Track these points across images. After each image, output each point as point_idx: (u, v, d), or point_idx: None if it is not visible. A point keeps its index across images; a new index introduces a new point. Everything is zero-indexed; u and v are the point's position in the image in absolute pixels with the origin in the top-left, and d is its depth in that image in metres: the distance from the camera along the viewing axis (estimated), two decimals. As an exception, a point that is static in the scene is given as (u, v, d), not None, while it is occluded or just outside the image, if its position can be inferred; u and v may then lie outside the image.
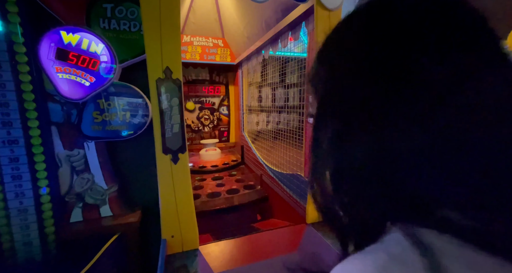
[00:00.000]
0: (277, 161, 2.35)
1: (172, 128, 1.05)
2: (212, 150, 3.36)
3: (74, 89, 1.37)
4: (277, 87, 3.00)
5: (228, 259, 1.29)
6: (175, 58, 1.00)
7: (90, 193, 1.52)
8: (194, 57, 2.97)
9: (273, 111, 3.15)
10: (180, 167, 1.08)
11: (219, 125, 3.68)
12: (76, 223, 1.48)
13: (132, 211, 1.65)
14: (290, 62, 2.76)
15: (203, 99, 3.52)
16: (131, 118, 1.57)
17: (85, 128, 1.46)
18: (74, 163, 1.47)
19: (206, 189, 2.53)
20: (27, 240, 1.29)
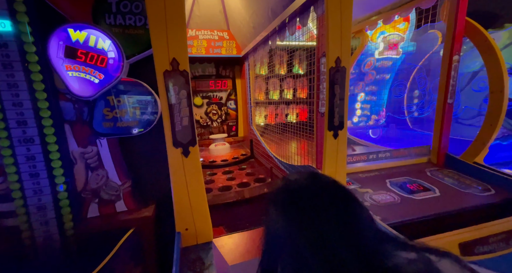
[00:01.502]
0: (287, 153, 2.31)
1: (182, 121, 1.03)
2: (221, 145, 3.36)
3: (84, 86, 1.38)
4: (284, 78, 2.93)
5: (242, 251, 1.29)
6: (182, 49, 0.97)
7: (105, 189, 1.55)
8: (200, 51, 2.94)
9: (281, 103, 3.09)
10: (191, 160, 1.07)
11: (227, 120, 3.67)
12: (93, 218, 1.52)
13: (146, 205, 1.67)
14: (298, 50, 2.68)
15: (210, 94, 3.51)
16: (141, 114, 1.57)
17: (97, 126, 1.47)
18: (88, 159, 1.50)
19: (217, 183, 2.54)
20: (47, 235, 1.33)
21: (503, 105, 1.66)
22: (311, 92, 1.78)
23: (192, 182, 1.09)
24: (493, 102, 1.71)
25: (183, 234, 1.13)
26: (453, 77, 1.77)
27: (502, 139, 2.35)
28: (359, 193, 1.61)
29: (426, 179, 1.72)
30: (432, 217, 1.32)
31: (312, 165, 1.72)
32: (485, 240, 1.10)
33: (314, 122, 1.81)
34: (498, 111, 1.67)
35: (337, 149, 1.34)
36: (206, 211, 1.14)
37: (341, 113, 1.30)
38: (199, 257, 1.07)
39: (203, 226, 1.15)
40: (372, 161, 1.98)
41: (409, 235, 1.05)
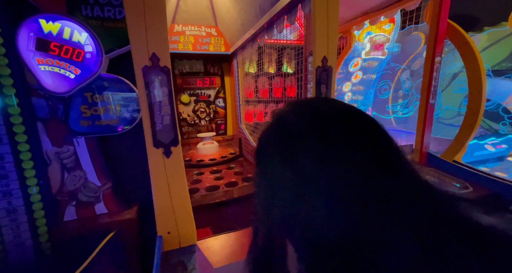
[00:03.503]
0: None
1: (163, 120, 0.99)
2: (210, 143, 3.31)
3: (59, 82, 1.30)
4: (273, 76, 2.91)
5: (228, 253, 1.26)
6: (162, 44, 0.92)
7: (83, 191, 1.47)
8: (187, 47, 2.86)
9: (270, 102, 3.08)
10: (173, 160, 1.03)
11: (216, 118, 3.61)
12: (71, 222, 1.44)
13: (129, 207, 1.61)
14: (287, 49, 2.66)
15: (198, 91, 3.44)
16: (122, 112, 1.50)
17: (73, 124, 1.39)
18: (64, 160, 1.41)
19: (205, 183, 2.50)
20: (19, 241, 1.24)
21: (481, 106, 1.73)
22: (300, 91, 1.78)
23: (174, 184, 1.05)
24: (472, 103, 1.78)
25: (165, 237, 1.09)
26: (434, 78, 1.82)
27: (480, 138, 2.47)
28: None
29: (409, 178, 1.76)
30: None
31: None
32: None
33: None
34: (476, 112, 1.73)
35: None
36: (190, 214, 1.10)
37: (328, 113, 1.30)
38: (181, 262, 1.03)
39: (186, 229, 1.11)
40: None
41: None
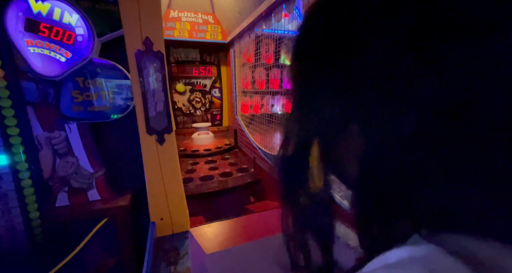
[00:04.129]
0: (271, 144, 2.31)
1: (156, 106, 0.97)
2: (205, 134, 3.30)
3: (49, 65, 1.26)
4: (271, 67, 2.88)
5: (220, 240, 1.29)
6: (156, 28, 0.90)
7: (75, 177, 1.46)
8: (182, 34, 2.79)
9: (267, 94, 3.06)
10: (166, 148, 1.03)
11: (212, 108, 3.58)
12: (63, 208, 1.43)
13: (122, 194, 1.61)
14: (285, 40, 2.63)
15: (193, 81, 3.39)
16: (116, 99, 1.48)
17: (65, 109, 1.36)
18: (56, 145, 1.39)
19: (199, 173, 2.51)
20: (10, 225, 1.24)
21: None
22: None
23: (167, 171, 1.05)
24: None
25: (158, 223, 1.10)
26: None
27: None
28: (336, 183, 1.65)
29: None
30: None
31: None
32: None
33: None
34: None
35: (317, 140, 1.35)
36: (183, 201, 1.11)
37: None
38: (174, 247, 1.05)
39: (179, 215, 1.12)
40: (351, 152, 2.03)
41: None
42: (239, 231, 1.39)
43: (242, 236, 1.33)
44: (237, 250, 1.23)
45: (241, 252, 1.23)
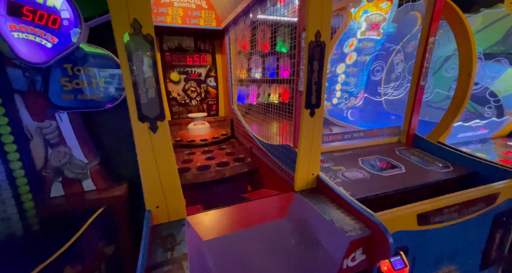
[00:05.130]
0: (267, 134, 2.30)
1: (147, 93, 0.95)
2: (201, 124, 3.26)
3: (35, 51, 1.21)
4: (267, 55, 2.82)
5: (217, 227, 1.30)
6: (144, 9, 0.86)
7: (69, 167, 1.44)
8: (175, 20, 2.70)
9: (263, 83, 3.01)
10: (160, 136, 1.01)
11: (207, 98, 3.53)
12: (58, 198, 1.43)
13: (118, 184, 1.61)
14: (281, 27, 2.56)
15: (188, 69, 3.31)
16: (107, 86, 1.44)
17: (54, 98, 1.33)
18: (47, 135, 1.36)
19: (196, 163, 2.50)
20: (4, 215, 1.23)
21: (469, 87, 1.75)
22: (293, 69, 1.73)
23: (161, 159, 1.04)
24: (461, 84, 1.80)
25: (154, 212, 1.10)
26: (427, 59, 1.81)
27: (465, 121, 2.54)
28: (332, 170, 1.66)
29: (394, 157, 1.82)
30: (397, 191, 1.42)
31: (290, 144, 1.73)
32: (440, 211, 1.21)
33: (294, 102, 1.79)
34: (464, 94, 1.76)
35: (313, 127, 1.34)
36: (178, 189, 1.11)
37: (319, 91, 1.28)
38: (171, 234, 1.06)
39: (175, 203, 1.12)
40: (347, 140, 2.04)
41: (374, 208, 1.12)
42: (236, 218, 1.40)
43: (239, 222, 1.34)
44: (234, 236, 1.24)
45: (238, 238, 1.24)
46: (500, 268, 1.53)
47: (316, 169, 1.46)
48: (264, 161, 2.26)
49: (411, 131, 1.99)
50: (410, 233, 1.17)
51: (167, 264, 0.88)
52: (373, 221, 1.04)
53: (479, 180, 1.54)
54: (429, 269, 1.30)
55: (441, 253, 1.31)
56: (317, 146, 1.39)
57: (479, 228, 1.38)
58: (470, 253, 1.41)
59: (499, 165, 1.52)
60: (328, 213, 1.20)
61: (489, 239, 1.41)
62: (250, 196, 2.26)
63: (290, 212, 1.36)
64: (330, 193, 1.34)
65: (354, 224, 1.09)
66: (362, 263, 1.07)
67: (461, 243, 1.35)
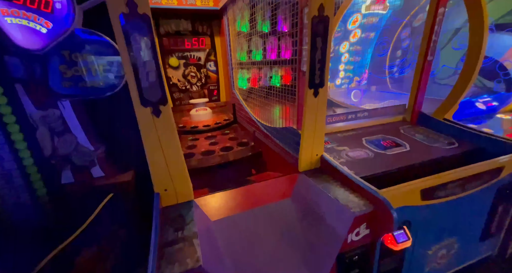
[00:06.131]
0: (270, 117, 2.29)
1: (148, 76, 0.93)
2: (203, 110, 3.25)
3: (30, 37, 1.18)
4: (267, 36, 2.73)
5: (224, 208, 1.34)
6: (139, -13, 0.82)
7: (76, 155, 1.47)
8: (171, 2, 2.59)
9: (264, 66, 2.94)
10: (163, 120, 1.01)
11: (208, 83, 3.48)
12: (69, 185, 1.47)
13: (125, 170, 1.64)
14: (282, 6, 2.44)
15: (187, 54, 3.23)
16: (107, 72, 1.42)
17: (55, 85, 1.32)
18: (52, 124, 1.38)
19: (200, 148, 2.52)
20: (19, 202, 1.28)
21: (479, 60, 1.68)
22: (294, 49, 1.68)
23: (166, 143, 1.05)
24: (470, 56, 1.73)
25: (162, 194, 1.13)
26: (436, 32, 1.73)
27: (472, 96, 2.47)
28: (336, 151, 1.67)
29: (399, 136, 1.81)
30: (401, 169, 1.42)
31: (293, 127, 1.73)
32: (444, 186, 1.22)
33: (296, 83, 1.76)
34: (473, 66, 1.70)
35: (317, 107, 1.32)
36: (185, 171, 1.13)
37: (322, 70, 1.25)
38: (180, 215, 1.09)
39: (182, 186, 1.15)
40: (351, 120, 2.02)
41: (378, 186, 1.14)
42: (242, 199, 1.43)
43: (245, 203, 1.37)
44: (241, 216, 1.28)
45: (245, 218, 1.28)
46: (500, 239, 1.57)
47: (320, 150, 1.46)
48: (267, 144, 2.27)
49: (416, 109, 1.96)
50: (413, 208, 1.19)
51: (179, 242, 0.92)
52: (377, 197, 1.06)
53: (485, 155, 1.53)
54: (431, 242, 1.35)
55: (443, 226, 1.34)
56: (321, 126, 1.38)
57: (482, 201, 1.40)
58: (471, 226, 1.45)
59: (505, 139, 1.51)
60: (332, 191, 1.22)
61: (491, 211, 1.43)
62: (254, 179, 2.30)
63: (295, 192, 1.39)
64: (334, 172, 1.35)
65: (359, 201, 1.12)
66: (366, 237, 1.10)
67: (463, 217, 1.37)
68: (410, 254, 1.29)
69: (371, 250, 1.13)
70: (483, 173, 1.30)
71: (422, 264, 1.37)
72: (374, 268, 1.15)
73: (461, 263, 1.52)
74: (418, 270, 1.37)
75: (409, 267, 1.31)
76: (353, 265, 1.10)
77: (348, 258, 1.07)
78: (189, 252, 0.86)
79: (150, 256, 0.77)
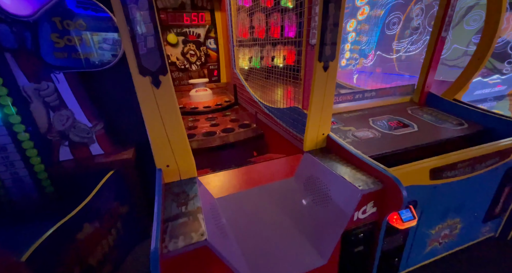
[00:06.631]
0: (273, 97, 2.21)
1: (146, 42, 0.86)
2: (203, 91, 3.16)
3: (18, 2, 1.08)
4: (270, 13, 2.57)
5: (227, 186, 1.32)
6: None
7: (74, 131, 1.42)
8: (168, -29, 2.41)
9: (267, 44, 2.80)
10: (164, 91, 0.95)
11: (208, 62, 3.35)
12: (67, 161, 1.44)
13: (125, 148, 1.60)
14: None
15: (186, 30, 3.08)
16: (102, 42, 1.33)
17: (47, 56, 1.23)
18: (46, 98, 1.31)
19: (201, 129, 2.47)
20: (17, 178, 1.25)
21: (495, 37, 1.59)
22: (300, 21, 1.57)
23: (167, 116, 1.00)
24: (486, 33, 1.63)
25: (165, 170, 1.09)
26: (452, 6, 1.62)
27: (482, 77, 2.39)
28: (342, 131, 1.62)
29: (406, 116, 1.76)
30: (408, 148, 1.39)
31: (298, 106, 1.67)
32: (453, 166, 1.19)
33: (302, 59, 1.67)
34: (489, 43, 1.61)
35: (326, 83, 1.25)
36: (187, 147, 1.08)
37: (334, 41, 1.16)
38: (183, 190, 1.07)
39: (185, 162, 1.11)
40: (358, 100, 1.96)
41: (386, 165, 1.10)
42: (245, 178, 1.41)
43: (248, 182, 1.35)
44: (244, 194, 1.27)
45: (248, 195, 1.26)
46: (503, 221, 1.58)
47: (327, 128, 1.41)
48: (270, 126, 2.22)
49: (425, 89, 1.89)
50: (421, 187, 1.17)
51: (183, 216, 0.90)
52: (386, 175, 1.03)
53: (494, 136, 1.49)
54: (435, 221, 1.34)
55: (448, 206, 1.33)
56: (329, 103, 1.32)
57: (489, 182, 1.38)
58: (476, 206, 1.44)
59: (517, 121, 1.46)
60: (338, 169, 1.19)
61: (497, 192, 1.42)
62: (256, 160, 2.28)
63: (299, 171, 1.37)
64: (341, 151, 1.32)
65: (366, 179, 1.09)
66: (372, 215, 1.09)
67: (469, 197, 1.36)
68: (414, 233, 1.29)
69: (377, 228, 1.12)
70: (493, 153, 1.27)
71: (424, 243, 1.38)
72: (378, 245, 1.15)
73: (463, 243, 1.54)
74: (420, 248, 1.38)
75: (411, 245, 1.32)
76: (358, 242, 1.10)
77: (354, 235, 1.06)
78: (194, 226, 0.84)
79: (154, 229, 0.75)
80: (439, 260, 1.50)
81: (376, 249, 1.17)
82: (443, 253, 1.50)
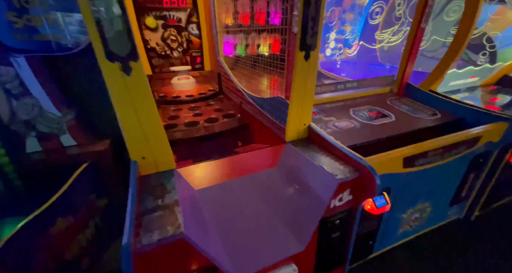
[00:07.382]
0: (258, 87, 2.18)
1: (113, 23, 0.79)
2: (185, 79, 3.04)
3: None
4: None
5: (208, 177, 1.30)
6: None
7: (41, 121, 1.32)
8: None
9: (252, 31, 2.71)
10: (135, 78, 0.89)
11: (190, 49, 3.21)
12: (36, 153, 1.35)
13: (100, 138, 1.52)
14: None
15: (165, 13, 2.90)
16: (70, 24, 1.21)
17: (5, 38, 1.11)
18: (7, 84, 1.19)
19: (183, 119, 2.41)
20: (-23, 171, 1.16)
21: (471, 29, 1.64)
22: (284, 7, 1.53)
23: (140, 106, 0.94)
24: (463, 26, 1.68)
25: (140, 162, 1.05)
26: (432, -3, 1.64)
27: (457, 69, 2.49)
28: (323, 121, 1.64)
29: (385, 107, 1.80)
30: (385, 139, 1.44)
31: (282, 96, 1.65)
32: (425, 154, 1.25)
33: (286, 47, 1.64)
34: (465, 34, 1.66)
35: (307, 72, 1.24)
36: (163, 137, 1.05)
37: (315, 30, 1.14)
38: (161, 183, 1.04)
39: (161, 153, 1.08)
40: (340, 91, 1.98)
41: (363, 155, 1.13)
42: (228, 169, 1.40)
43: (230, 173, 1.34)
44: (226, 185, 1.26)
45: (230, 186, 1.26)
46: (467, 204, 1.71)
47: (308, 119, 1.42)
48: (254, 116, 2.20)
49: (404, 80, 1.94)
50: (395, 175, 1.22)
51: (158, 210, 0.88)
52: (362, 164, 1.06)
53: (465, 125, 1.58)
54: (406, 206, 1.42)
55: (419, 192, 1.41)
56: (311, 93, 1.32)
57: (456, 169, 1.47)
58: (444, 191, 1.54)
59: (484, 110, 1.55)
60: (318, 159, 1.21)
61: (463, 178, 1.52)
62: (240, 150, 2.26)
63: (281, 161, 1.37)
64: (321, 141, 1.33)
65: (344, 168, 1.12)
66: (348, 202, 1.13)
67: (438, 183, 1.45)
68: (387, 218, 1.36)
69: (352, 214, 1.17)
70: (462, 142, 1.34)
71: (396, 226, 1.47)
72: (354, 230, 1.21)
73: (431, 225, 1.65)
74: (392, 231, 1.47)
75: (384, 229, 1.40)
76: (335, 228, 1.14)
77: (331, 222, 1.10)
78: (170, 219, 0.83)
79: (126, 224, 0.73)
80: (409, 241, 1.61)
81: (352, 234, 1.22)
82: (413, 234, 1.61)
